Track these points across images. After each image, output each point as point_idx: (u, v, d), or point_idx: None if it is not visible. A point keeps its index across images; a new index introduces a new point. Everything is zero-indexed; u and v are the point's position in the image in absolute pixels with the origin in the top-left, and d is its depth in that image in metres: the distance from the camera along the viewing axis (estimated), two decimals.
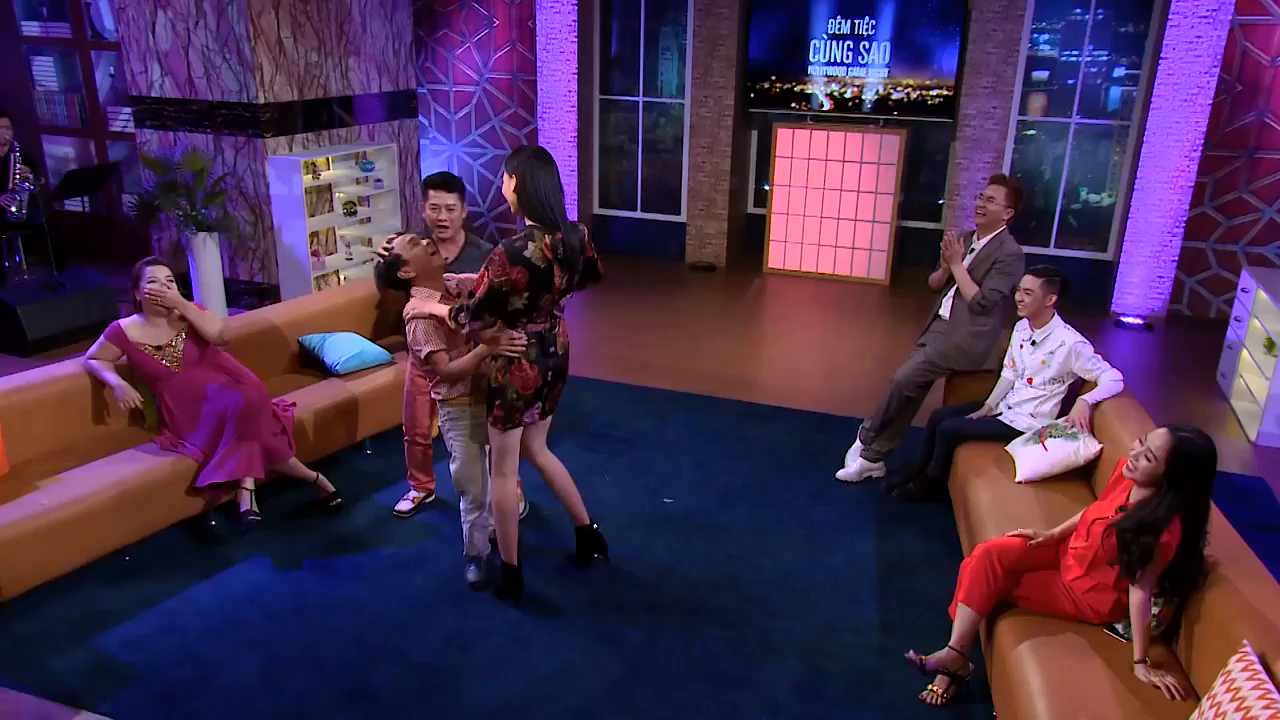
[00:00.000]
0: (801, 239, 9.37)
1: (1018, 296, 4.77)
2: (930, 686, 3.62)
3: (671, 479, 5.32)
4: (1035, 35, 8.39)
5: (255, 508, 4.47)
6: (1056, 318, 4.73)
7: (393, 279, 3.94)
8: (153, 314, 4.53)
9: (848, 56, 8.90)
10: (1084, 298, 8.59)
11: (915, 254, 9.45)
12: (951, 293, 5.21)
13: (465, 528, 4.23)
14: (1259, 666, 2.75)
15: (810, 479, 5.35)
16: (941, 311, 5.29)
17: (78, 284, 7.03)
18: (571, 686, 3.62)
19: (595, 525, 4.39)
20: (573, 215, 9.58)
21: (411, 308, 3.92)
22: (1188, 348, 7.64)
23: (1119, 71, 8.38)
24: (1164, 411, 6.44)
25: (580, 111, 9.53)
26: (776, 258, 9.55)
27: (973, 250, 5.16)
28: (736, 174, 9.64)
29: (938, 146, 9.08)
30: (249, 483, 4.48)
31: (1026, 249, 8.47)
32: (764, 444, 5.80)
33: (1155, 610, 3.26)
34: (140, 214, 7.50)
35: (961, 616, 3.54)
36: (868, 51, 8.81)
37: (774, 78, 9.19)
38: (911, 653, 3.59)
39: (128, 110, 8.41)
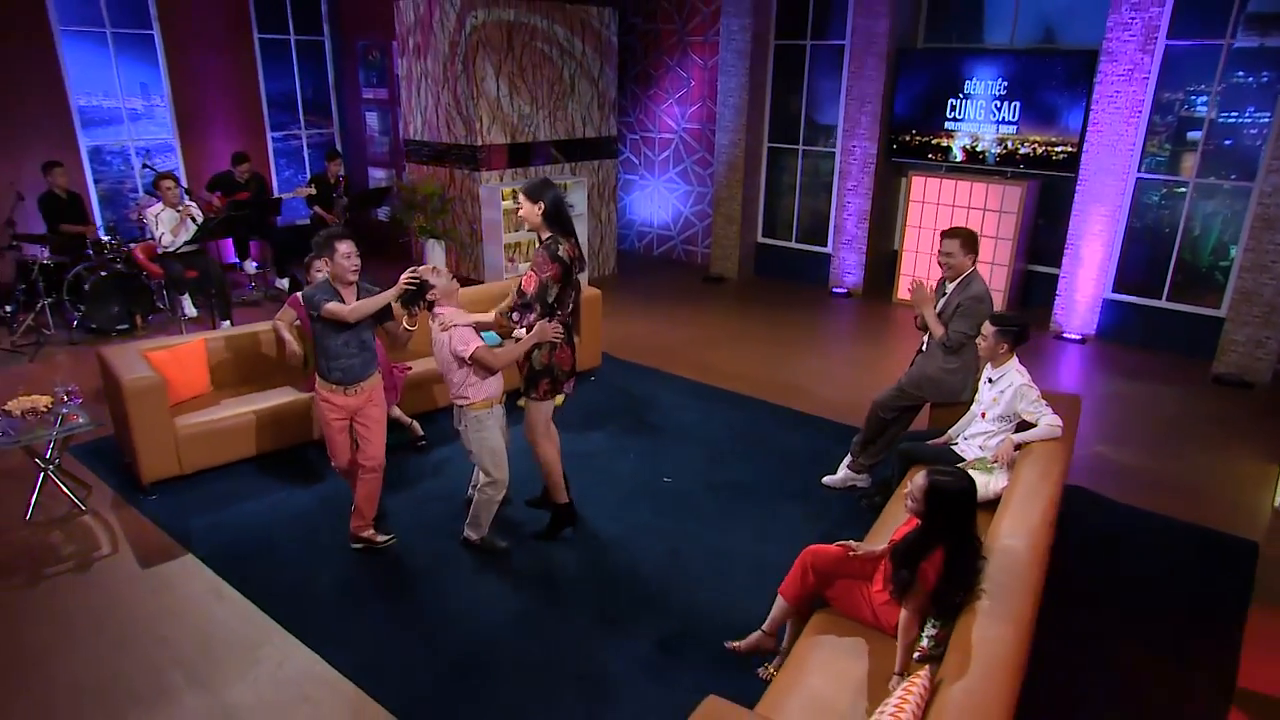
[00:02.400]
0: (928, 275, 8.83)
1: (978, 339, 4.45)
2: (767, 664, 3.59)
3: (683, 463, 5.42)
4: (1193, 97, 7.30)
5: None
6: (1014, 360, 4.36)
7: (420, 300, 4.04)
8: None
9: (981, 114, 8.28)
10: (1191, 351, 7.43)
11: (1039, 296, 8.62)
12: (928, 332, 4.92)
13: (480, 510, 4.30)
14: (916, 690, 2.57)
15: (802, 480, 5.24)
16: (923, 346, 4.99)
17: None
18: (497, 604, 4.01)
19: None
20: (738, 243, 9.76)
21: (449, 320, 4.00)
22: (1278, 409, 6.43)
23: (1249, 133, 7.11)
24: (1206, 466, 5.56)
25: (749, 156, 9.63)
26: (905, 290, 9.09)
27: (944, 295, 4.83)
28: (881, 214, 9.28)
29: (1062, 198, 8.18)
30: None
31: (1140, 300, 7.64)
32: (782, 446, 5.71)
33: (933, 631, 3.07)
34: (392, 225, 8.70)
35: (776, 604, 3.51)
36: (999, 110, 8.16)
37: (914, 131, 8.76)
38: (728, 643, 3.59)
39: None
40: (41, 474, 4.74)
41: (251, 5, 9.95)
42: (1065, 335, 8.00)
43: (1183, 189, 7.43)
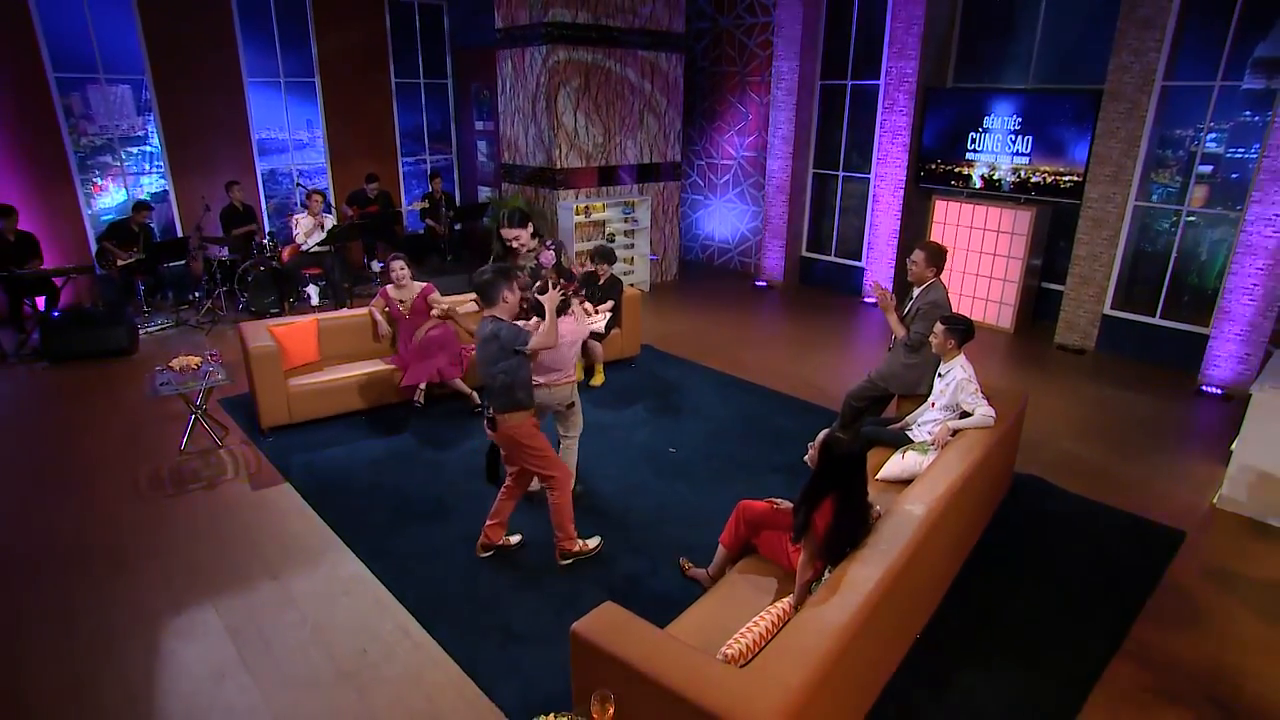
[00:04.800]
0: (957, 291, 8.70)
1: (930, 337, 4.52)
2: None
3: (690, 437, 5.61)
4: (1188, 133, 6.97)
5: (421, 399, 5.73)
6: (960, 356, 4.41)
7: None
8: (399, 285, 5.95)
9: (998, 146, 8.10)
10: (1180, 365, 7.08)
11: (1048, 311, 8.35)
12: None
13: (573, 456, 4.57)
14: (774, 613, 2.78)
15: (787, 457, 5.32)
16: (891, 344, 5.07)
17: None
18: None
19: None
20: (783, 255, 9.86)
21: (579, 325, 4.30)
22: None
23: (1238, 166, 6.71)
24: (1161, 465, 5.38)
25: (795, 181, 9.71)
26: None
27: (911, 299, 4.91)
28: (908, 233, 9.18)
29: (1069, 223, 7.90)
30: (423, 384, 5.75)
31: (1135, 317, 7.34)
32: (780, 429, 5.80)
33: (829, 576, 3.23)
34: (485, 234, 9.27)
35: (718, 550, 3.73)
36: (1014, 142, 7.96)
37: (939, 160, 8.64)
38: (683, 560, 3.84)
39: None
40: (192, 417, 5.47)
41: (390, 55, 10.78)
42: (1067, 347, 7.74)
43: (1177, 217, 7.08)
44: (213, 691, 3.26)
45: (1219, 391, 6.51)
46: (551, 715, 2.27)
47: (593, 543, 4.18)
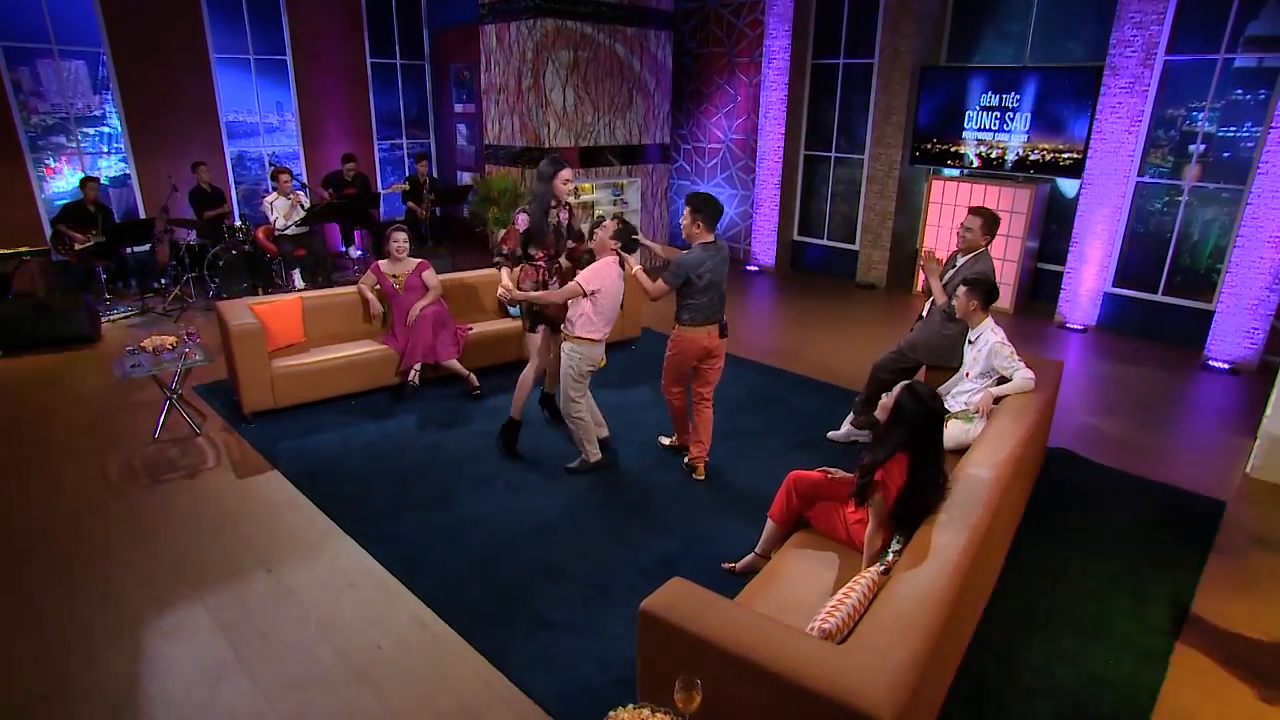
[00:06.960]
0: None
1: (953, 300, 4.29)
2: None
3: None
4: (1190, 109, 6.87)
5: (417, 381, 5.34)
6: (989, 320, 4.19)
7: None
8: (394, 260, 5.55)
9: (995, 124, 7.96)
10: (1184, 342, 6.99)
11: (1047, 292, 8.23)
12: (931, 299, 4.75)
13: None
14: (862, 585, 2.49)
15: (807, 433, 5.12)
16: (924, 313, 4.83)
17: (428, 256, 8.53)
18: (522, 519, 4.03)
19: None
20: (773, 240, 9.60)
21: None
22: (1262, 393, 5.97)
23: (1240, 142, 6.64)
24: (1187, 438, 5.23)
25: (786, 163, 9.48)
26: (924, 282, 8.80)
27: (954, 266, 4.66)
28: (904, 215, 9.01)
29: (1068, 202, 7.79)
30: (418, 365, 5.36)
31: (1138, 294, 7.22)
32: (794, 405, 5.59)
33: (898, 548, 2.95)
34: (471, 217, 8.85)
35: (767, 527, 3.44)
36: (1012, 120, 7.83)
37: (935, 140, 8.48)
38: (725, 564, 3.55)
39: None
40: (167, 402, 5.01)
41: (366, 34, 10.30)
42: (1069, 325, 7.62)
43: (1178, 193, 6.98)
44: (208, 696, 2.85)
45: (1226, 365, 6.42)
46: (630, 708, 1.94)
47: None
